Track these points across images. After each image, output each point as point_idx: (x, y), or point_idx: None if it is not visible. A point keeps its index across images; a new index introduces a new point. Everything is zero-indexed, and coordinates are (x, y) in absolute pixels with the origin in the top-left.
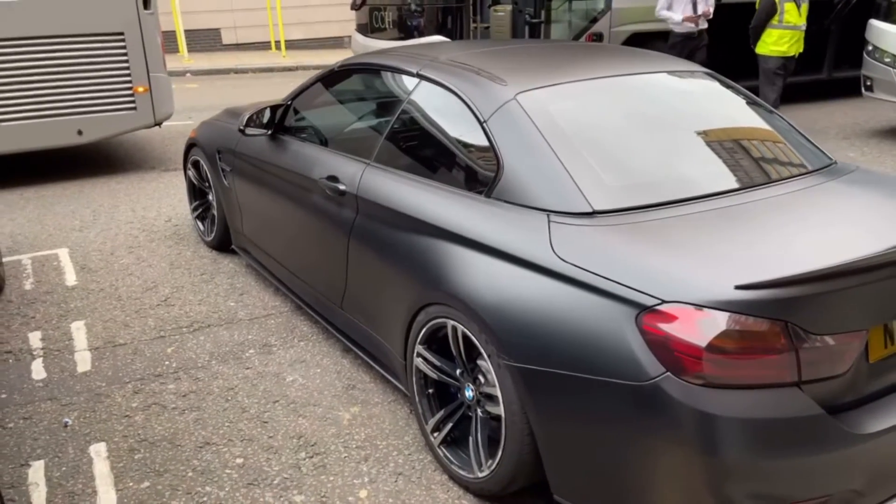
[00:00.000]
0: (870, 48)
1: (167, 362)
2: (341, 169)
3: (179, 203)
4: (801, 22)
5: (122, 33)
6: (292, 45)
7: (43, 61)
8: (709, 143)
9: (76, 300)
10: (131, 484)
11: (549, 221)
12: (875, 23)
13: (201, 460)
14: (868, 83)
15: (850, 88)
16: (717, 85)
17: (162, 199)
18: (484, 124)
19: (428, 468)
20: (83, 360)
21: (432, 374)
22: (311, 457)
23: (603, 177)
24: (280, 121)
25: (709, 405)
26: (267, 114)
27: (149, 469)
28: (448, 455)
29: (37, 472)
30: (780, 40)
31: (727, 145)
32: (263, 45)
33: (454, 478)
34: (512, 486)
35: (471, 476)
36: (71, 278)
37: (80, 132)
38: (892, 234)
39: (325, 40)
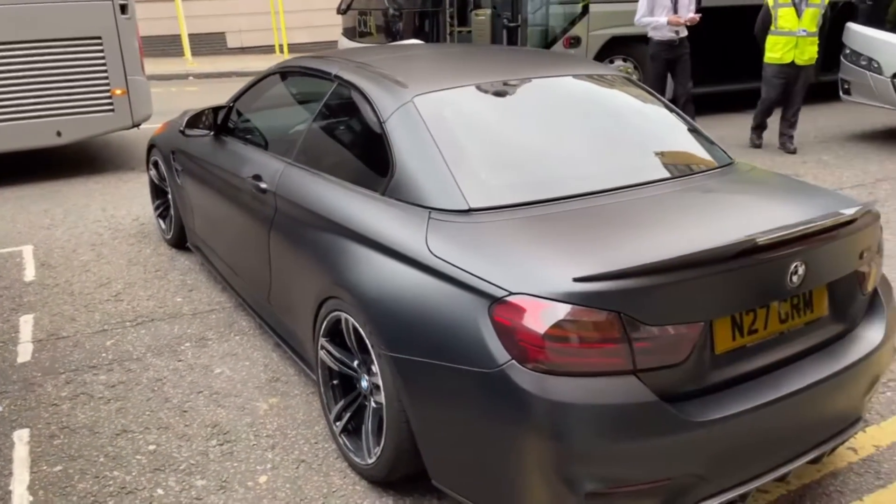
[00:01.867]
0: (847, 52)
1: (104, 354)
2: (265, 168)
3: (150, 203)
4: (800, 27)
5: (99, 38)
6: (296, 48)
7: (23, 65)
8: (599, 144)
9: (30, 295)
10: (45, 467)
11: (428, 218)
12: (852, 26)
13: (115, 447)
14: (846, 87)
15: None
16: (625, 88)
17: (135, 199)
18: (383, 125)
19: (330, 456)
20: (24, 352)
21: (334, 366)
22: (221, 444)
23: (484, 176)
24: (223, 122)
25: (549, 391)
26: (210, 115)
27: (64, 454)
28: (347, 443)
29: None
30: (774, 47)
31: (619, 146)
32: (268, 49)
33: (352, 465)
34: (395, 473)
35: (363, 463)
36: (30, 274)
37: (58, 133)
38: (746, 230)
39: (330, 44)
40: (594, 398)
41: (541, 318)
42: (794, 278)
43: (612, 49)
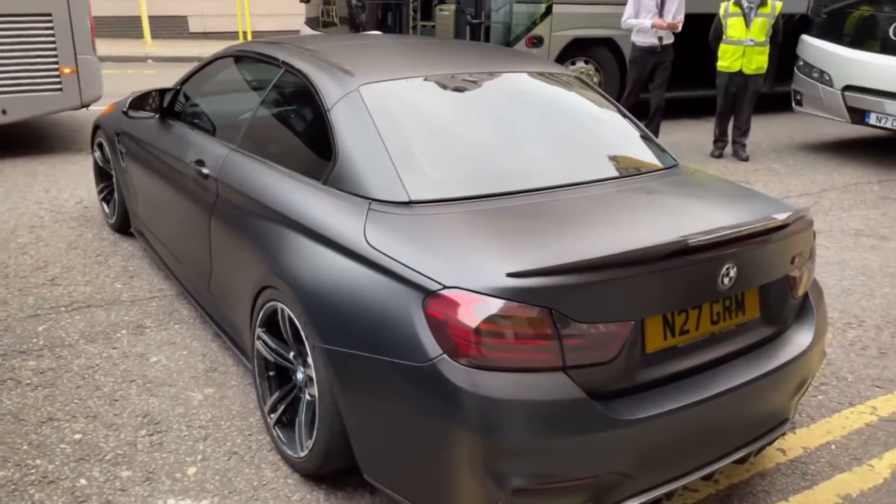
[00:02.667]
0: (800, 63)
1: (35, 340)
2: (209, 153)
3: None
4: (748, 37)
5: (49, 14)
6: (260, 35)
7: None
8: (545, 142)
9: None
10: None
11: (368, 209)
12: (805, 38)
13: (40, 435)
14: (798, 98)
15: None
16: (576, 88)
17: (80, 181)
18: (327, 113)
19: (263, 449)
20: None
21: (270, 357)
22: (151, 434)
23: (426, 169)
24: (169, 105)
25: (479, 386)
26: (156, 97)
27: None
28: (281, 436)
29: None
30: (723, 55)
31: (565, 144)
32: (231, 35)
33: (284, 458)
34: (327, 467)
35: (295, 456)
36: None
37: (4, 111)
38: (680, 231)
39: (295, 33)
40: (523, 394)
41: (473, 312)
42: (726, 280)
43: (574, 51)
